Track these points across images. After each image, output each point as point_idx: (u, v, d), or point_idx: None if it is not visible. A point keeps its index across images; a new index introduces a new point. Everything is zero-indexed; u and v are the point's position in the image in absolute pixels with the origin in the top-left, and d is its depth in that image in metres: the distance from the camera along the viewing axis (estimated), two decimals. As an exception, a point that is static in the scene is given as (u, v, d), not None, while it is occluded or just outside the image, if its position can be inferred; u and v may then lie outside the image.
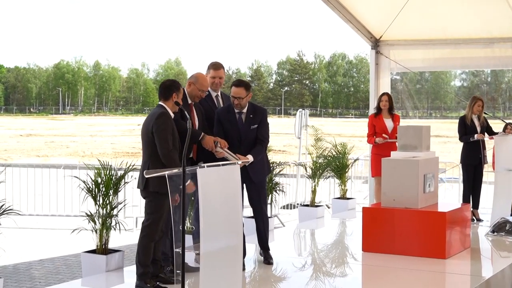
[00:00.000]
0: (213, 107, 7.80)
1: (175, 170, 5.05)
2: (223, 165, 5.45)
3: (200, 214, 4.99)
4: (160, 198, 6.61)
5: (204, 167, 5.07)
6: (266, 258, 7.98)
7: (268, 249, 8.04)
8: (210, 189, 5.09)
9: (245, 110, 7.63)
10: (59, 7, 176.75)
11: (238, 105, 7.54)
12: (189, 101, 7.35)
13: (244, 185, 7.73)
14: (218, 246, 5.18)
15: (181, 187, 5.18)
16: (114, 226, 7.89)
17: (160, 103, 6.84)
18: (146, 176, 5.23)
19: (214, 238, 5.12)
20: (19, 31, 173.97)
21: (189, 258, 7.27)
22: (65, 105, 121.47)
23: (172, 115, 6.81)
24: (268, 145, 8.16)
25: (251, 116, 7.65)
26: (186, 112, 5.71)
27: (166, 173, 5.03)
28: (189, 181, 6.23)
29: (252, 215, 8.37)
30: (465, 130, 11.01)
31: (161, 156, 6.57)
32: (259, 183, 7.85)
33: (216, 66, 7.86)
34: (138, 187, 6.82)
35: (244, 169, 7.40)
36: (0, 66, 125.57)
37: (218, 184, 5.21)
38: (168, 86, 6.84)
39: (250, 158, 7.47)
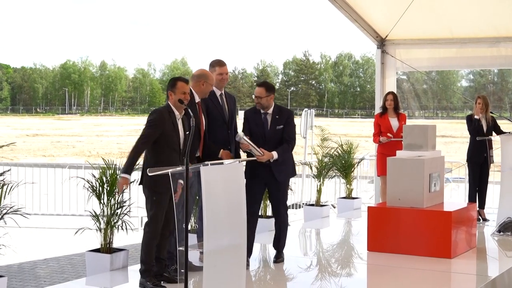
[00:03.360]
0: (217, 106, 7.82)
1: (179, 168, 5.04)
2: (228, 163, 5.43)
3: (203, 212, 4.97)
4: (155, 195, 6.67)
5: (207, 165, 5.05)
6: (277, 257, 8.03)
7: (281, 251, 8.08)
8: (214, 188, 5.07)
9: (270, 111, 7.81)
10: (65, 8, 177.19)
11: (258, 104, 7.75)
12: (197, 100, 7.35)
13: (266, 185, 7.89)
14: (221, 244, 5.15)
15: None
16: (120, 226, 7.89)
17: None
18: (150, 174, 5.21)
19: (217, 237, 5.10)
20: (26, 31, 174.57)
21: (194, 257, 7.26)
22: (71, 105, 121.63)
23: (177, 113, 6.79)
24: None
25: (277, 117, 7.81)
26: (190, 111, 5.67)
27: (170, 170, 5.01)
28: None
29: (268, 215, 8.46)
30: (472, 128, 11.00)
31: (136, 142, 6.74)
32: (282, 183, 7.91)
33: (221, 63, 7.91)
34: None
35: (269, 169, 7.63)
36: (7, 66, 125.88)
37: (222, 183, 5.18)
38: (167, 85, 6.93)
39: (274, 155, 7.61)
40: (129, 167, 6.64)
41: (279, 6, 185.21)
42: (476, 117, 10.93)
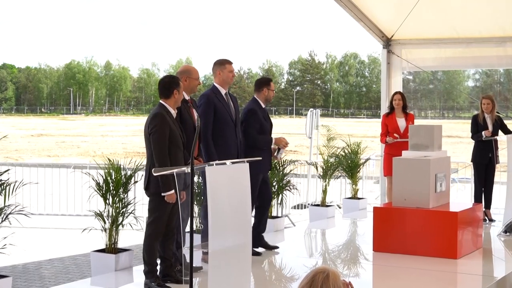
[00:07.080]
0: (224, 105, 7.88)
1: (184, 168, 5.01)
2: (232, 163, 5.41)
3: (208, 213, 4.95)
4: (160, 197, 6.59)
5: (213, 165, 5.03)
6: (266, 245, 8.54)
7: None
8: (219, 188, 5.05)
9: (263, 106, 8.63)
10: (69, 8, 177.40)
11: (273, 98, 8.74)
12: (187, 97, 7.26)
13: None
14: (226, 244, 5.13)
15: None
16: (124, 225, 7.88)
17: (160, 101, 6.76)
18: (155, 174, 5.18)
19: (222, 237, 5.07)
20: (30, 31, 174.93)
21: (196, 257, 7.25)
22: (76, 105, 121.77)
23: (174, 112, 6.74)
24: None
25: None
26: (195, 110, 5.64)
27: (175, 171, 4.98)
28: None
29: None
30: (477, 128, 10.97)
31: (155, 158, 6.52)
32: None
33: (230, 61, 8.02)
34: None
35: (269, 160, 8.43)
36: (12, 66, 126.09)
37: (227, 183, 5.16)
38: (168, 83, 6.75)
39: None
40: (170, 183, 6.41)
41: (285, 6, 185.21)
42: (484, 116, 10.88)
